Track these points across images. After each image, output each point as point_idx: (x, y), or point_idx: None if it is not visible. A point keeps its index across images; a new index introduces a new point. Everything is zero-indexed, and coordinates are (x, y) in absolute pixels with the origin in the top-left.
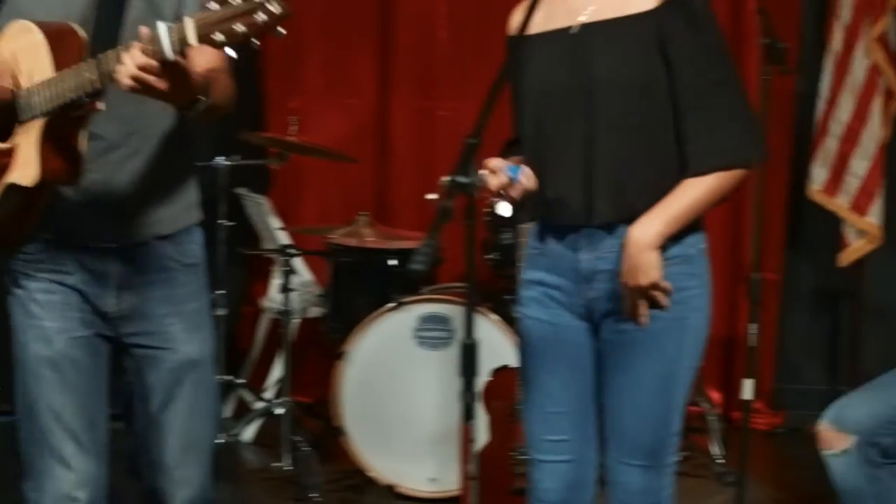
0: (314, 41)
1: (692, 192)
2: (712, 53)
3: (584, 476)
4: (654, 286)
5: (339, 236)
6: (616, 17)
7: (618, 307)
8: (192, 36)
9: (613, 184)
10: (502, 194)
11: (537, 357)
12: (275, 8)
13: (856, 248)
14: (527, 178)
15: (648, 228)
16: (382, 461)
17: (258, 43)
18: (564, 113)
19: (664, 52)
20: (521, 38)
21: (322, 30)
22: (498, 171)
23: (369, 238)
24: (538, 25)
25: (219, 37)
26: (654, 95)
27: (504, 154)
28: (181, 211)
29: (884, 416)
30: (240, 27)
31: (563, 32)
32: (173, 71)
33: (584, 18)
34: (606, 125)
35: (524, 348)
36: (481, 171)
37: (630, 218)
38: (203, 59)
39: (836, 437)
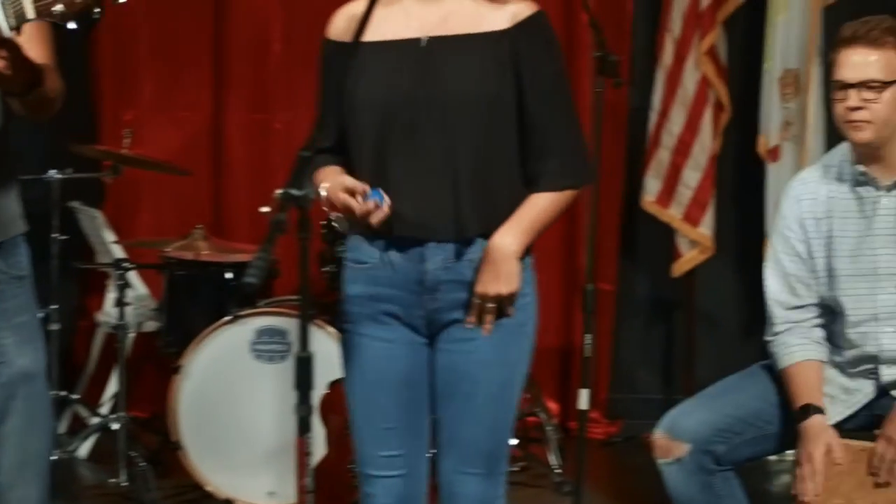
0: (147, 53)
1: (544, 207)
2: (559, 77)
3: (416, 489)
4: (514, 295)
5: (174, 249)
6: (468, 33)
7: (461, 317)
8: (30, 10)
9: (478, 199)
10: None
11: (370, 373)
12: None
13: (688, 258)
14: (387, 205)
15: (513, 239)
16: (220, 475)
17: (98, 11)
18: (415, 127)
19: (516, 71)
20: (353, 44)
21: (155, 42)
22: (358, 195)
23: (205, 251)
24: (374, 34)
25: (58, 7)
26: (503, 111)
27: (306, 165)
28: (7, 222)
29: (717, 424)
30: (58, 6)
31: (409, 43)
32: (10, 49)
33: (430, 32)
34: (462, 140)
35: (354, 365)
36: (342, 196)
37: (489, 230)
38: (33, 53)
39: (670, 445)
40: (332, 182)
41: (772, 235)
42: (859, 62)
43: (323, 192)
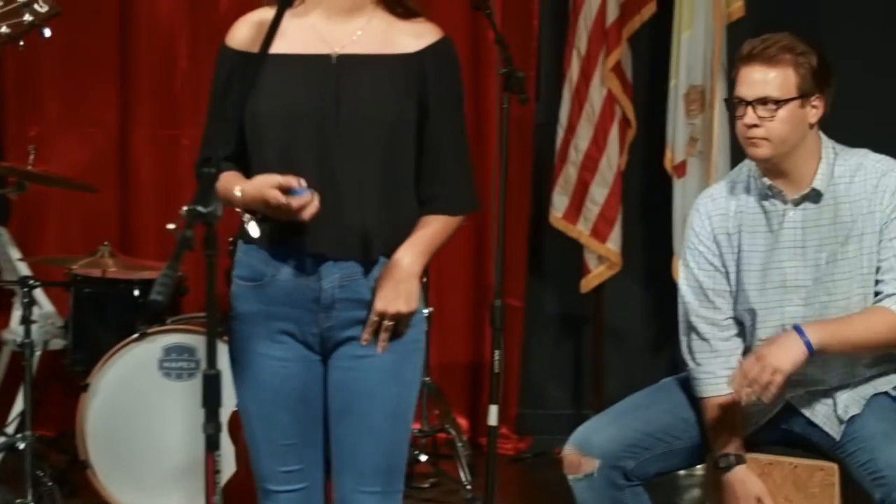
0: (53, 69)
1: (438, 229)
2: (459, 104)
3: (316, 501)
4: (412, 314)
5: (80, 267)
6: (379, 54)
7: (355, 335)
8: None
9: (381, 218)
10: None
11: (266, 392)
12: (41, 7)
13: (597, 274)
14: (314, 206)
15: (415, 258)
16: (129, 494)
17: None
18: (321, 142)
19: (421, 94)
20: (260, 54)
21: (60, 57)
22: (287, 192)
23: (112, 268)
24: (281, 47)
25: (3, 30)
26: (406, 133)
27: (212, 182)
28: None
29: (626, 439)
30: (3, 28)
31: (318, 59)
32: None
33: (340, 49)
34: (366, 158)
35: (250, 383)
36: (272, 193)
37: (392, 250)
38: None
39: (580, 460)
40: (254, 182)
41: (683, 253)
42: (757, 80)
43: (238, 194)
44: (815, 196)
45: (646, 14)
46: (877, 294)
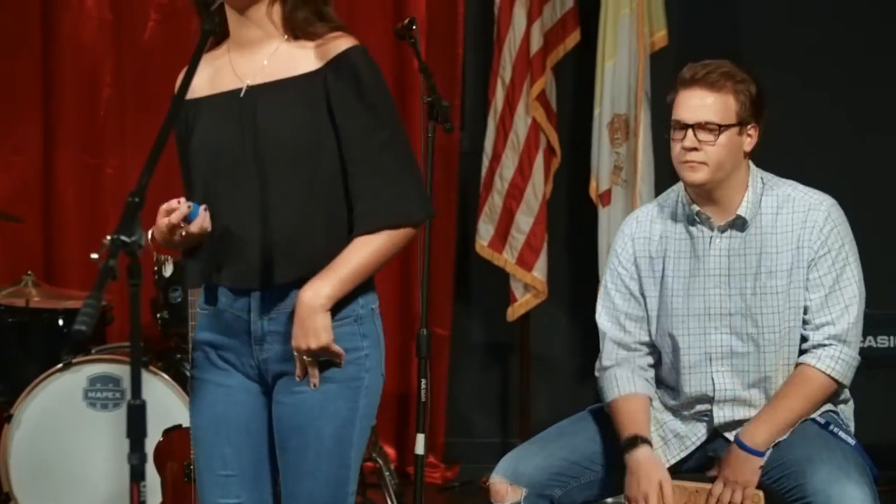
0: None
1: (361, 252)
2: (377, 113)
3: None
4: (325, 349)
5: (3, 297)
6: (283, 79)
7: (290, 369)
8: None
9: (290, 246)
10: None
11: (209, 419)
12: None
13: (523, 302)
14: (203, 219)
15: (319, 291)
16: None
17: None
18: (235, 175)
19: (331, 112)
20: (187, 101)
21: None
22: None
23: (35, 298)
24: (205, 88)
25: None
26: (323, 155)
27: (136, 211)
28: None
29: (552, 467)
30: None
31: (231, 95)
32: None
33: (250, 81)
34: (279, 186)
35: (196, 410)
36: (162, 220)
37: (306, 279)
38: None
39: (507, 489)
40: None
41: (605, 274)
42: (697, 104)
43: (149, 235)
44: (740, 224)
45: (570, 43)
46: (803, 338)
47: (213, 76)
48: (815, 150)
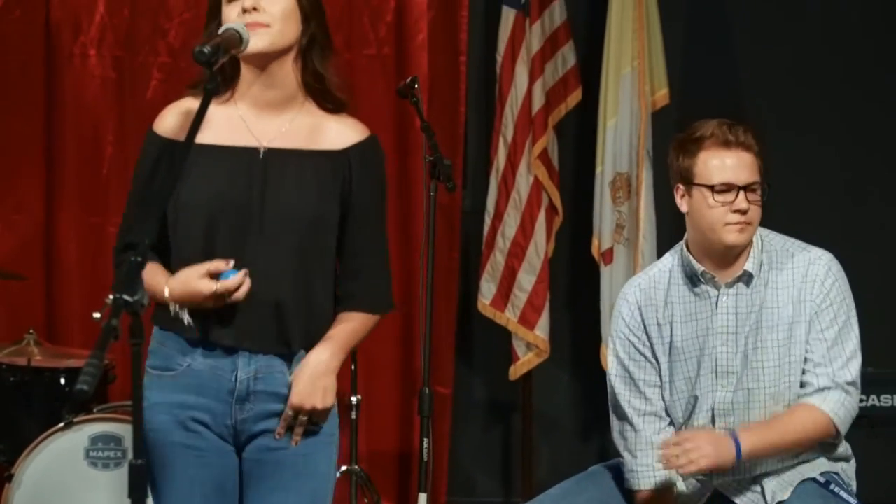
0: None
1: (355, 326)
2: (381, 204)
3: None
4: (328, 411)
5: (5, 355)
6: (304, 150)
7: (268, 427)
8: None
9: (295, 312)
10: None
11: (183, 482)
12: None
13: (525, 361)
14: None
15: (332, 355)
16: None
17: None
18: (242, 234)
19: (344, 192)
20: (185, 144)
21: None
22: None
23: (37, 357)
24: (210, 137)
25: None
26: (326, 230)
27: (122, 258)
28: None
29: None
30: None
31: (245, 152)
32: None
33: (267, 143)
34: (287, 252)
35: (167, 475)
36: (203, 284)
37: (311, 345)
38: None
39: None
40: (180, 278)
41: (613, 342)
42: (740, 164)
43: (167, 294)
44: (747, 279)
45: (571, 102)
46: (802, 385)
47: (222, 126)
48: (814, 205)
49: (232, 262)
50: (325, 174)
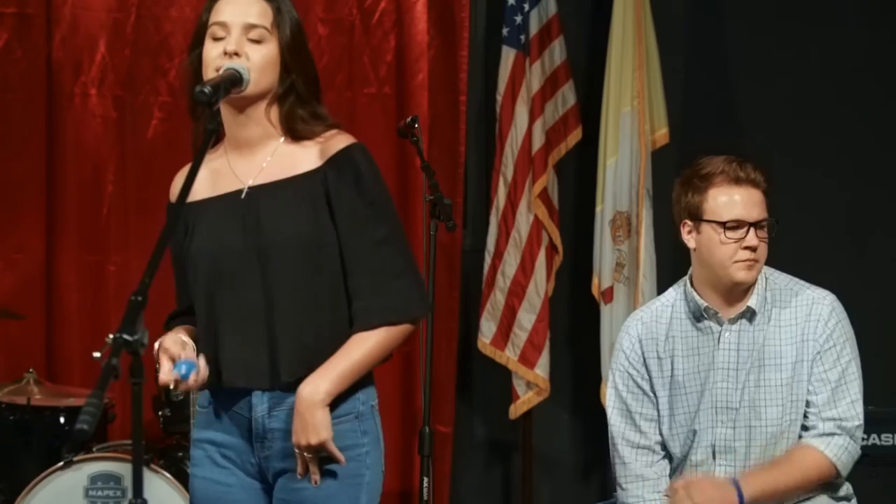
0: None
1: (361, 349)
2: (377, 211)
3: None
4: (324, 445)
5: (5, 394)
6: (284, 178)
7: (291, 466)
8: None
9: (297, 344)
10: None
11: None
12: None
13: (525, 400)
14: (200, 373)
15: (318, 387)
16: None
17: None
18: (239, 276)
19: (331, 209)
20: (186, 204)
21: None
22: (167, 363)
23: (37, 396)
24: (205, 191)
25: None
26: (325, 253)
27: (169, 326)
28: None
29: None
30: None
31: (232, 196)
32: None
33: (251, 182)
34: (283, 285)
35: None
36: (160, 354)
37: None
38: None
39: None
40: (167, 338)
41: (612, 374)
42: (749, 201)
43: (156, 346)
44: (750, 315)
45: (571, 141)
46: (805, 427)
47: (213, 178)
48: (816, 242)
49: (188, 351)
50: (306, 196)
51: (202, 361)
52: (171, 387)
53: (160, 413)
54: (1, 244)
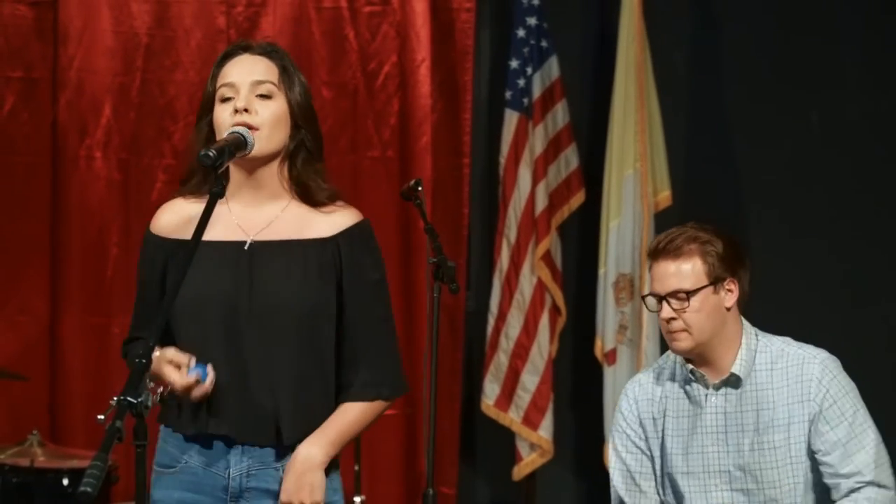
0: None
1: (352, 417)
2: (379, 289)
3: None
4: None
5: (8, 456)
6: (291, 240)
7: None
8: None
9: (296, 405)
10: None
11: None
12: None
13: (529, 461)
14: (210, 381)
15: (319, 450)
16: None
17: None
18: (230, 327)
19: (338, 279)
20: (172, 239)
21: None
22: (182, 368)
23: (41, 458)
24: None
25: None
26: (323, 319)
27: (142, 372)
28: None
29: None
30: None
31: (232, 246)
32: None
33: (255, 236)
34: (284, 345)
35: None
36: (165, 368)
37: (304, 437)
38: None
39: None
40: (157, 354)
41: (612, 436)
42: (667, 274)
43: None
44: (734, 382)
45: (574, 203)
46: (832, 493)
47: (210, 223)
48: (817, 304)
49: (194, 359)
50: (314, 263)
51: (210, 367)
52: (190, 391)
53: None
54: (5, 306)
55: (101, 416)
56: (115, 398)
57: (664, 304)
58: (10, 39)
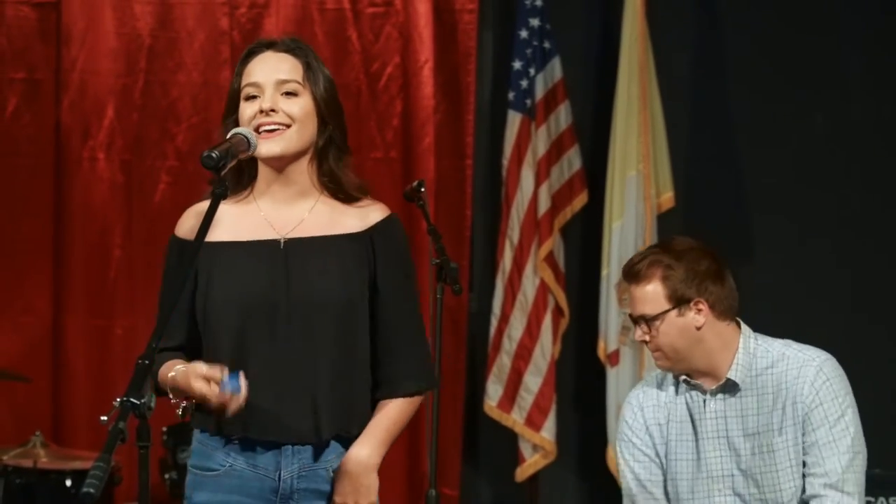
0: None
1: (395, 415)
2: (410, 283)
3: None
4: None
5: (11, 457)
6: (325, 236)
7: None
8: None
9: (335, 401)
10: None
11: None
12: None
13: (531, 462)
14: (244, 392)
15: (371, 451)
16: None
17: None
18: (269, 326)
19: (371, 273)
20: (207, 244)
21: None
22: (211, 381)
23: (43, 459)
24: (226, 234)
25: None
26: (360, 312)
27: (145, 373)
28: None
29: None
30: None
31: (266, 244)
32: None
33: (288, 233)
34: (322, 341)
35: None
36: (197, 384)
37: (347, 434)
38: None
39: None
40: (183, 368)
41: (619, 447)
42: (633, 298)
43: (173, 373)
44: (731, 387)
45: (577, 205)
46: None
47: (237, 221)
48: (818, 307)
49: (226, 370)
50: (348, 257)
51: (242, 377)
52: (225, 406)
53: (167, 476)
54: (8, 307)
55: (104, 417)
56: (119, 399)
57: (636, 326)
58: (14, 41)
